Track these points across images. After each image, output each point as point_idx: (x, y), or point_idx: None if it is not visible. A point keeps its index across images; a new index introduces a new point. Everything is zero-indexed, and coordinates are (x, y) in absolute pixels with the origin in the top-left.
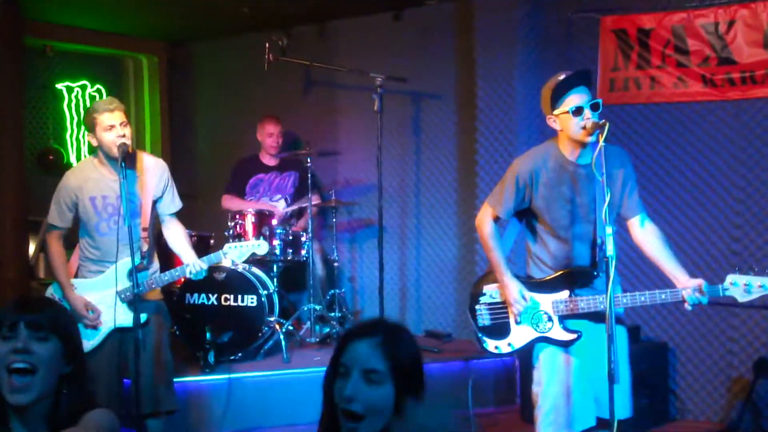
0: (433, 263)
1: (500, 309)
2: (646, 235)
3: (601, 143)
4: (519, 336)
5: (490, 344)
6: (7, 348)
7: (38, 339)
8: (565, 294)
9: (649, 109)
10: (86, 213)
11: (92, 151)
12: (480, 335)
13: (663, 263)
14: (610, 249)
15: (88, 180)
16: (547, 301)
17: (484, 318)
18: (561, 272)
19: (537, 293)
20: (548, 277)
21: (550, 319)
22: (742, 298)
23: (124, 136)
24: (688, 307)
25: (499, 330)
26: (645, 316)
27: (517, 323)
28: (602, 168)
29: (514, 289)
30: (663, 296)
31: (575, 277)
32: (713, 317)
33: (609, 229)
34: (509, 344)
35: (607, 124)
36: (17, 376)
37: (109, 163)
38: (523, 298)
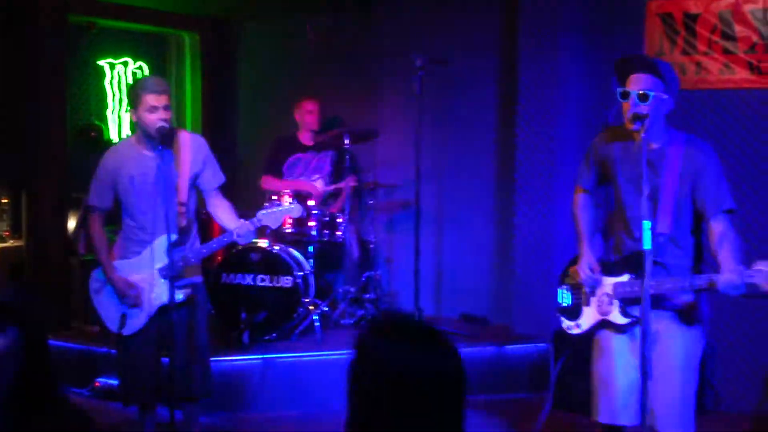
0: (470, 246)
1: (577, 290)
2: (714, 233)
3: (641, 135)
4: (587, 318)
5: (565, 324)
6: None
7: (30, 336)
8: (625, 277)
9: (694, 95)
10: (125, 193)
11: (134, 128)
12: (558, 314)
13: (720, 254)
14: (647, 242)
15: (126, 159)
16: (609, 284)
17: (565, 298)
18: (624, 256)
19: (605, 275)
20: (614, 260)
21: (611, 302)
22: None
23: (165, 119)
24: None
25: (575, 311)
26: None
27: (587, 305)
28: (643, 160)
29: (583, 261)
30: (699, 282)
31: (637, 261)
32: (749, 307)
33: (647, 223)
34: (578, 325)
35: (647, 117)
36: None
37: (148, 142)
38: (591, 270)
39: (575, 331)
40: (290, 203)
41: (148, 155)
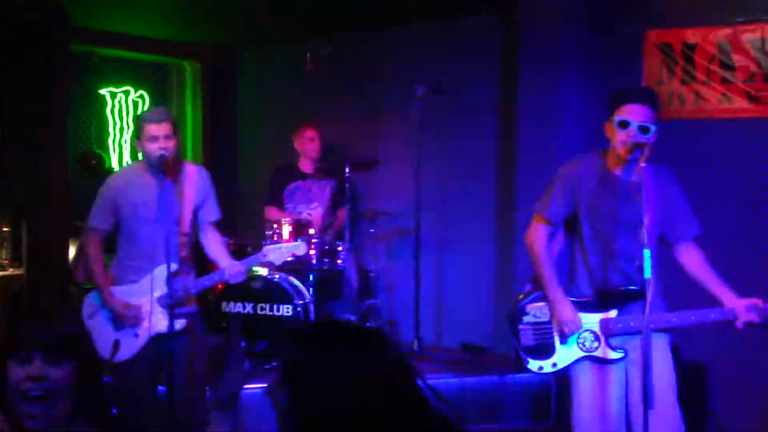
0: (470, 275)
1: (545, 328)
2: (690, 256)
3: (642, 164)
4: (564, 355)
5: (534, 364)
6: (22, 373)
7: (53, 362)
8: (613, 313)
9: (693, 124)
10: (127, 218)
11: (134, 156)
12: (523, 355)
13: (709, 283)
14: (647, 271)
15: (130, 185)
16: (594, 320)
17: (528, 338)
18: (605, 290)
19: (583, 312)
20: (592, 295)
21: (596, 338)
22: None
23: (165, 149)
24: (739, 324)
25: (544, 349)
26: (685, 335)
27: (562, 343)
28: (642, 189)
29: (568, 309)
30: (713, 315)
31: (621, 295)
32: (754, 338)
33: (647, 252)
34: (553, 364)
35: (648, 145)
36: (33, 404)
37: (152, 170)
38: (576, 317)
39: (550, 370)
40: (297, 240)
41: (151, 183)
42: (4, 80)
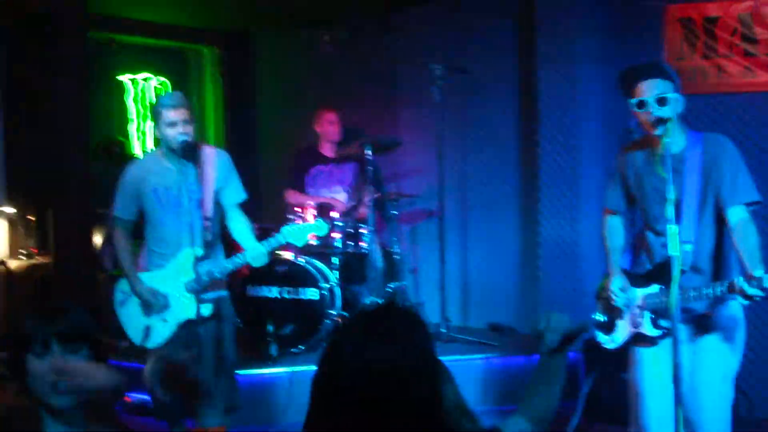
0: (495, 255)
1: (610, 305)
2: (732, 223)
3: (665, 139)
4: (621, 331)
5: (602, 338)
6: (45, 366)
7: (71, 351)
8: (655, 288)
9: (716, 98)
10: (150, 205)
11: (157, 143)
12: (594, 328)
13: (742, 255)
14: (674, 248)
15: (150, 172)
16: (640, 296)
17: (600, 312)
18: (654, 266)
19: (636, 287)
20: (645, 271)
21: (642, 314)
22: None
23: (185, 133)
24: (742, 300)
25: (610, 325)
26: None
27: (620, 318)
28: (668, 165)
29: (613, 281)
30: (720, 289)
31: (666, 270)
32: None
33: (673, 228)
34: (612, 339)
35: (671, 120)
36: (63, 396)
37: (172, 156)
38: (621, 290)
39: (610, 345)
40: (318, 220)
41: (171, 169)
42: (24, 69)
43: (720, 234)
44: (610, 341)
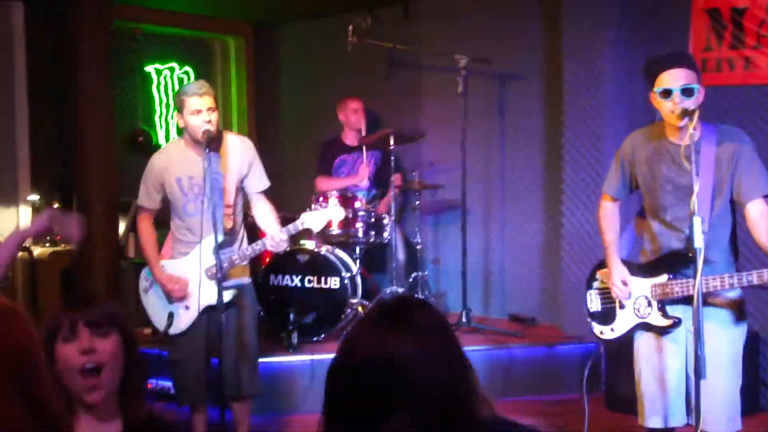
0: (518, 246)
1: (608, 294)
2: (752, 216)
3: (690, 130)
4: (622, 322)
5: (597, 329)
6: (72, 350)
7: (99, 335)
8: (663, 278)
9: (743, 90)
10: (173, 194)
11: (180, 132)
12: (589, 319)
13: (762, 243)
14: (698, 240)
15: (174, 161)
16: (646, 286)
17: (594, 303)
18: (661, 256)
19: (639, 277)
20: (649, 261)
21: (649, 304)
22: None
23: (209, 122)
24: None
25: (607, 315)
26: None
27: (621, 308)
28: (692, 156)
29: (615, 274)
30: (750, 278)
31: (675, 260)
32: None
33: (697, 219)
34: (612, 329)
35: (697, 112)
36: (89, 376)
37: (195, 145)
38: (624, 283)
39: (610, 335)
40: (335, 206)
41: (195, 158)
42: (49, 59)
43: (730, 226)
44: (609, 331)
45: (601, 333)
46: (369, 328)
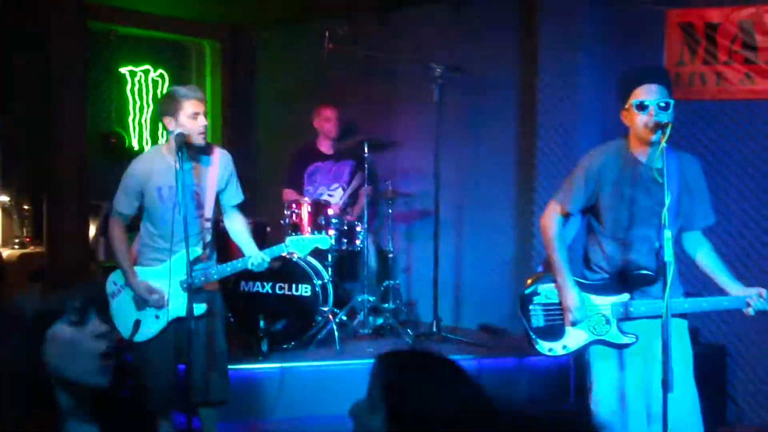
0: (490, 256)
1: (555, 310)
2: (698, 246)
3: (663, 144)
4: (574, 338)
5: (544, 345)
6: (85, 334)
7: (105, 321)
8: (625, 297)
9: (715, 105)
10: (152, 202)
11: (154, 135)
12: (533, 336)
13: (717, 274)
14: (668, 254)
15: (154, 169)
16: (605, 304)
17: (539, 318)
18: (620, 274)
19: (595, 295)
20: (605, 279)
21: (607, 322)
22: None
23: (205, 126)
24: (750, 312)
25: (554, 331)
26: (705, 319)
27: (573, 325)
28: (663, 169)
29: (574, 295)
30: (725, 303)
31: (635, 280)
32: None
33: (668, 233)
34: (564, 346)
35: (670, 125)
36: (107, 360)
37: (177, 152)
38: (582, 304)
39: (561, 352)
40: (318, 233)
41: (175, 167)
42: (22, 59)
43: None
44: (560, 348)
45: (550, 350)
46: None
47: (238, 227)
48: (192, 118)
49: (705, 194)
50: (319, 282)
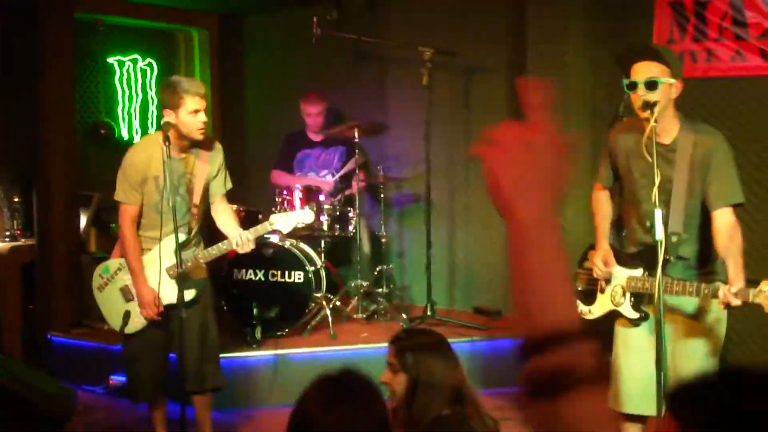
0: (482, 239)
1: (592, 275)
2: (717, 225)
3: (652, 123)
4: (599, 305)
5: (580, 307)
6: None
7: None
8: (639, 272)
9: (705, 83)
10: (149, 191)
11: (144, 125)
12: (576, 297)
13: (726, 260)
14: (659, 232)
15: (153, 158)
16: (623, 276)
17: (580, 282)
18: (639, 249)
19: (620, 266)
20: (630, 252)
21: (624, 294)
22: None
23: (205, 122)
24: (720, 306)
25: (589, 296)
26: None
27: (601, 292)
28: (653, 148)
29: (597, 254)
30: (705, 291)
31: (649, 255)
32: None
33: (658, 213)
34: (590, 311)
35: (658, 104)
36: None
37: (173, 142)
38: (605, 264)
39: (588, 316)
40: (306, 209)
41: (174, 157)
42: (9, 50)
43: (706, 225)
44: (588, 312)
45: (582, 313)
46: (324, 406)
47: (223, 214)
48: (192, 114)
49: (724, 171)
50: (312, 268)
